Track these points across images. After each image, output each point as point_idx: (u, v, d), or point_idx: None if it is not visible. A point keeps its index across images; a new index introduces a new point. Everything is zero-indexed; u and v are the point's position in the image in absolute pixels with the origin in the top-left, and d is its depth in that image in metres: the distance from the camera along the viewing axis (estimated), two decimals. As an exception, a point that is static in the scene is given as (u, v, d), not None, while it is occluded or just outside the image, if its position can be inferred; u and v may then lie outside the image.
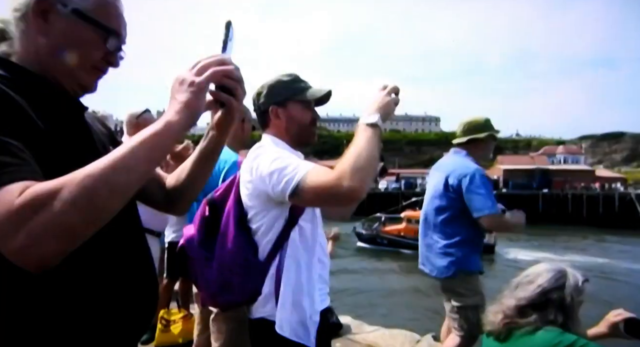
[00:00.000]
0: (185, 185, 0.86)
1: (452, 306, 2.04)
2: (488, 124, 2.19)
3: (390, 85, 1.12)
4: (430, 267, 2.11)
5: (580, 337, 1.26)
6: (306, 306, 1.13)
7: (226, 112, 0.77)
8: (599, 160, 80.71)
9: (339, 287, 13.17)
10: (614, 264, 18.72)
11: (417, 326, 4.55)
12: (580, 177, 51.55)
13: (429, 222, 2.15)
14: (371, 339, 3.32)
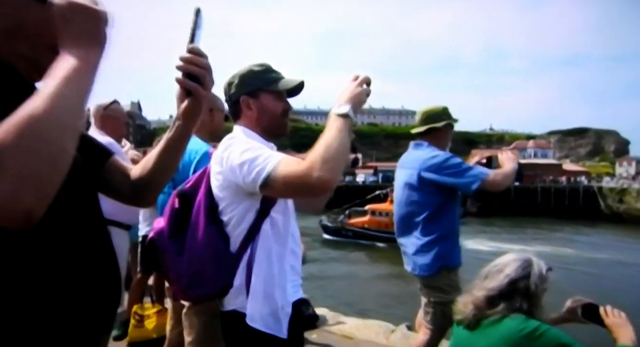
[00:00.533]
0: (151, 176, 0.83)
1: (429, 300, 2.04)
2: (446, 113, 2.14)
3: (362, 76, 1.11)
4: (412, 265, 2.08)
5: (542, 323, 1.32)
6: (278, 298, 1.13)
7: (193, 101, 0.75)
8: (566, 154, 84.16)
9: (314, 279, 13.35)
10: (578, 253, 19.72)
11: (392, 316, 4.64)
12: (548, 171, 53.72)
13: (406, 221, 2.11)
14: (347, 329, 3.37)
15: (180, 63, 0.72)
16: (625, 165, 67.11)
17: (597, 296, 2.48)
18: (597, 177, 51.14)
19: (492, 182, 1.92)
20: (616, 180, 45.77)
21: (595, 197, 39.33)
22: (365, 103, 1.10)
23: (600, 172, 60.50)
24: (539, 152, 69.52)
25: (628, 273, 16.50)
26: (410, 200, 2.08)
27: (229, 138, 1.18)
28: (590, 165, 69.93)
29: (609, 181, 44.33)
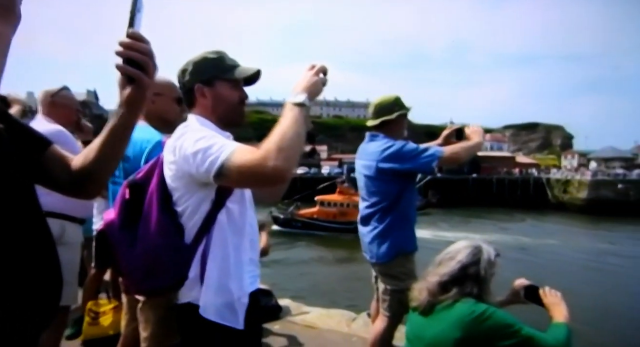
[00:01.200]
0: (93, 167, 0.79)
1: (386, 288, 2.08)
2: (398, 103, 2.14)
3: (318, 65, 1.11)
4: (370, 253, 2.12)
5: (490, 306, 1.39)
6: (234, 289, 1.12)
7: (136, 89, 0.71)
8: (519, 147, 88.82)
9: (276, 271, 13.44)
10: (526, 240, 21.11)
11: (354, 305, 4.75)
12: (503, 163, 56.58)
13: (365, 211, 2.14)
14: (310, 319, 3.41)
15: (119, 48, 0.68)
16: (570, 158, 71.93)
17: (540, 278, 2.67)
18: (546, 169, 54.42)
19: (449, 157, 1.96)
20: (561, 172, 48.95)
21: (544, 188, 42.02)
22: (321, 92, 1.10)
23: (549, 164, 64.45)
24: (495, 145, 73.02)
25: (568, 255, 17.91)
26: (369, 190, 2.11)
27: (183, 127, 1.15)
28: (540, 158, 74.28)
29: (555, 173, 47.32)
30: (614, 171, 45.86)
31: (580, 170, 47.56)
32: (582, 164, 62.08)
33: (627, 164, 56.95)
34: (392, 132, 2.11)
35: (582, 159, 68.35)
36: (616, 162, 58.94)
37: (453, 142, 2.17)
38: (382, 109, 2.12)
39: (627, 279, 14.30)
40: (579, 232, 25.42)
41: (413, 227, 2.12)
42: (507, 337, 1.33)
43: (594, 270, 15.94)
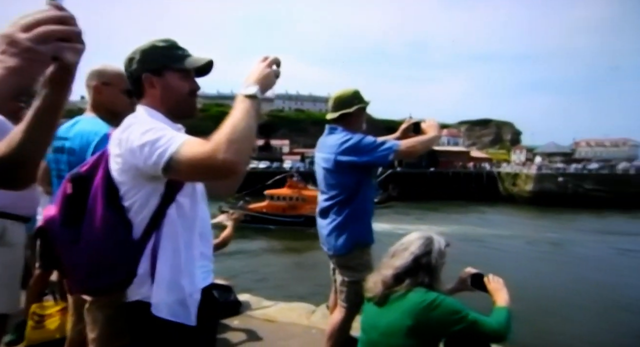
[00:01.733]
0: (17, 153, 0.71)
1: (343, 280, 2.11)
2: (357, 97, 2.15)
3: (271, 57, 1.09)
4: (327, 245, 2.14)
5: (440, 294, 1.47)
6: (185, 285, 1.09)
7: (60, 67, 0.64)
8: (473, 142, 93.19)
9: (234, 266, 13.33)
10: (480, 231, 22.31)
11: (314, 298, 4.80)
12: (459, 158, 59.15)
13: (324, 204, 2.15)
14: (270, 313, 3.41)
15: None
16: (518, 153, 76.67)
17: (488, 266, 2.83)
18: (497, 163, 57.54)
19: (406, 150, 2.00)
20: (511, 166, 52.06)
21: (496, 181, 44.44)
22: (274, 85, 1.09)
23: (500, 159, 68.14)
24: (451, 140, 76.24)
25: (514, 244, 19.16)
26: (328, 183, 2.13)
27: (131, 118, 1.09)
28: (492, 153, 78.47)
29: (505, 167, 50.18)
30: (556, 165, 49.43)
31: (527, 165, 50.82)
32: (529, 159, 66.36)
33: (566, 159, 61.76)
34: (351, 126, 2.13)
35: (529, 154, 73.11)
36: (557, 157, 63.63)
37: (410, 135, 2.22)
38: (342, 102, 2.13)
39: (568, 265, 15.52)
40: (526, 223, 27.24)
41: (370, 220, 2.15)
42: (455, 323, 1.41)
43: (539, 257, 17.16)
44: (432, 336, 1.46)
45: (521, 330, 7.30)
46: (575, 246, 19.33)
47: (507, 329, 1.48)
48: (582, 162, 53.85)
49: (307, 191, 23.33)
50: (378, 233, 2.20)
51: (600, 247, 18.73)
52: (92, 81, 1.71)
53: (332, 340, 2.13)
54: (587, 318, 9.35)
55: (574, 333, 8.31)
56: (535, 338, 7.38)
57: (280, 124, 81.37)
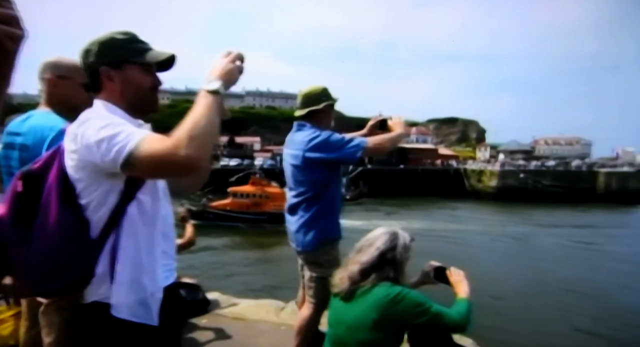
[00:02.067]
0: None
1: (312, 276, 2.11)
2: (325, 94, 2.15)
3: (235, 52, 1.08)
4: (296, 242, 2.14)
5: (404, 288, 1.50)
6: (147, 284, 1.06)
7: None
8: (441, 140, 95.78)
9: (205, 264, 13.16)
10: (445, 226, 23.06)
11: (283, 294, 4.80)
12: (428, 155, 60.64)
13: (293, 200, 2.15)
14: (238, 311, 3.38)
15: None
16: (483, 151, 79.67)
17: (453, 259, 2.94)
18: (464, 160, 59.57)
19: (373, 147, 2.01)
20: (476, 163, 54.08)
21: (462, 178, 45.98)
22: (237, 80, 1.07)
23: (466, 156, 70.52)
24: (420, 138, 78.11)
25: (479, 239, 19.97)
26: (296, 180, 2.12)
27: (88, 113, 1.05)
28: (458, 150, 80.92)
29: (471, 164, 52.11)
30: (517, 162, 51.85)
31: (491, 162, 52.95)
32: (493, 156, 69.13)
33: (527, 156, 64.85)
34: (320, 122, 2.13)
35: (492, 152, 76.14)
36: (519, 155, 66.75)
37: (378, 132, 2.25)
38: (310, 99, 2.13)
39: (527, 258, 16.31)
40: (490, 218, 28.37)
41: (338, 216, 2.16)
42: (419, 315, 1.45)
43: (501, 250, 17.95)
44: (396, 329, 1.49)
45: (481, 320, 7.65)
46: (534, 238, 20.38)
47: (467, 320, 1.54)
48: (541, 160, 56.84)
49: (270, 188, 23.23)
50: (350, 229, 2.22)
51: (557, 240, 19.85)
52: (46, 74, 1.62)
53: (300, 336, 2.14)
54: (544, 306, 9.89)
55: (531, 320, 8.77)
56: (494, 327, 7.73)
57: (252, 121, 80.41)
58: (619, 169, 43.77)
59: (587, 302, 10.35)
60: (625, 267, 14.61)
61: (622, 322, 8.98)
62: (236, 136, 67.57)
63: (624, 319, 9.14)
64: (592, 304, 10.17)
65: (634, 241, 19.85)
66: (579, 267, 14.47)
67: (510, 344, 7.33)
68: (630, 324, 8.88)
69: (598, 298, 10.66)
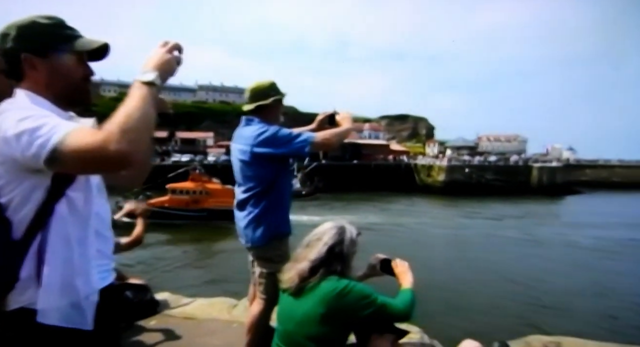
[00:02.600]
0: None
1: (262, 272, 2.10)
2: (273, 88, 2.13)
3: (172, 42, 1.03)
4: (245, 238, 2.10)
5: (351, 281, 1.52)
6: (80, 286, 1.00)
7: None
8: (393, 136, 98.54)
9: (154, 264, 12.66)
10: (397, 219, 23.91)
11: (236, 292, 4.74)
12: (380, 151, 62.30)
13: (241, 196, 2.11)
14: (189, 311, 3.29)
15: None
16: (432, 147, 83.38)
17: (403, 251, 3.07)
18: (414, 156, 61.89)
19: (321, 142, 2.02)
20: (426, 158, 56.47)
21: (413, 173, 47.82)
22: (175, 71, 1.03)
23: (416, 151, 73.33)
24: (373, 134, 79.95)
25: (427, 230, 20.96)
26: (244, 175, 2.08)
27: (7, 104, 0.95)
28: (409, 146, 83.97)
29: (421, 159, 54.26)
30: (463, 158, 54.86)
31: (440, 157, 55.52)
32: (441, 152, 72.53)
33: (471, 152, 68.90)
34: (268, 117, 2.11)
35: (441, 147, 79.91)
36: (464, 150, 70.68)
37: (326, 127, 2.26)
38: (258, 93, 2.11)
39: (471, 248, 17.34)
40: (438, 211, 29.85)
41: (287, 211, 2.15)
42: (365, 307, 1.48)
43: (447, 241, 18.95)
44: (344, 322, 1.51)
45: (428, 309, 8.05)
46: (478, 230, 21.70)
47: (411, 309, 1.59)
48: (484, 155, 60.40)
49: (211, 185, 22.56)
50: (306, 225, 2.21)
51: (498, 231, 21.30)
52: None
53: (251, 332, 2.12)
54: (486, 294, 10.60)
55: (475, 307, 9.36)
56: (441, 315, 8.17)
57: (205, 116, 77.83)
58: (548, 164, 47.74)
59: (523, 288, 11.23)
60: (554, 253, 16.06)
61: (555, 306, 9.87)
62: (189, 131, 65.16)
63: (557, 303, 10.05)
64: (528, 290, 11.06)
65: (564, 229, 21.87)
66: (517, 256, 15.65)
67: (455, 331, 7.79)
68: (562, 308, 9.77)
69: (533, 284, 11.60)
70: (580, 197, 41.24)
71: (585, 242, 17.79)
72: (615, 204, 35.31)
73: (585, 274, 12.75)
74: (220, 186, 22.71)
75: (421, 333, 2.84)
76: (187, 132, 64.61)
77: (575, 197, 41.08)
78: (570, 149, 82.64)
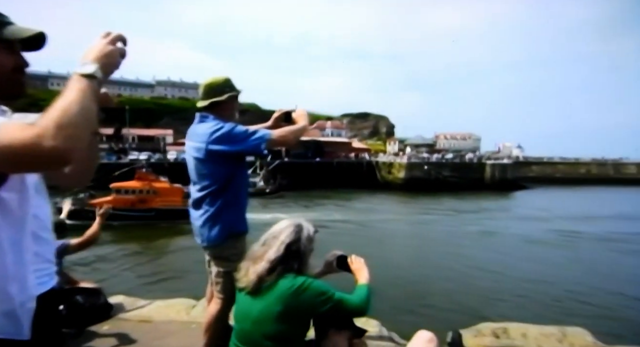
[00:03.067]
0: None
1: (218, 271, 2.06)
2: (228, 84, 2.09)
3: (115, 33, 0.97)
4: (201, 237, 2.06)
5: (308, 278, 1.52)
6: (14, 293, 0.93)
7: None
8: (355, 134, 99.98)
9: (109, 268, 12.11)
10: (361, 217, 24.34)
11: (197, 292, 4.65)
12: (342, 148, 63.02)
13: (197, 195, 2.06)
14: (145, 313, 3.19)
15: None
16: (392, 144, 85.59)
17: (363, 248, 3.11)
18: (375, 153, 63.20)
19: (277, 140, 1.99)
20: (386, 156, 57.84)
21: (374, 170, 48.83)
22: (119, 65, 0.97)
23: (377, 149, 74.89)
24: (335, 131, 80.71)
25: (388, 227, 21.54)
26: (199, 173, 2.04)
27: None
28: (370, 144, 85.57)
29: (382, 157, 55.51)
30: (422, 155, 56.80)
31: (400, 155, 57.08)
32: (401, 149, 74.62)
33: (430, 150, 71.54)
34: (223, 114, 2.07)
35: (400, 145, 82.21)
36: (423, 148, 73.21)
37: (282, 125, 2.25)
38: (212, 90, 2.06)
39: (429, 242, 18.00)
40: (399, 207, 30.73)
41: (244, 209, 2.13)
42: (323, 303, 1.49)
43: (406, 236, 19.57)
44: (301, 319, 1.52)
45: (386, 303, 8.30)
46: (436, 224, 22.57)
47: (367, 304, 1.62)
48: (442, 153, 62.92)
49: (158, 183, 21.71)
50: (270, 223, 2.14)
51: (455, 225, 22.29)
52: None
53: (209, 332, 2.09)
54: (443, 286, 11.07)
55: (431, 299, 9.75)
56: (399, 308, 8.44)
57: (163, 113, 74.94)
58: (500, 161, 50.59)
59: (477, 280, 11.84)
60: (505, 246, 17.07)
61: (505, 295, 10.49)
62: (147, 128, 62.41)
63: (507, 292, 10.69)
64: (481, 281, 11.67)
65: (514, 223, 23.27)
66: (472, 249, 16.44)
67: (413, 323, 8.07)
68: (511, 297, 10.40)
69: (486, 275, 12.27)
70: (527, 192, 44.08)
71: (533, 235, 19.04)
72: (558, 199, 38.10)
73: (531, 265, 13.67)
74: (168, 185, 21.89)
75: (379, 326, 2.93)
76: (145, 129, 61.91)
77: (524, 192, 43.88)
78: (519, 146, 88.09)
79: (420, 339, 1.65)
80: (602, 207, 30.49)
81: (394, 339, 2.75)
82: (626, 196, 36.33)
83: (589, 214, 26.62)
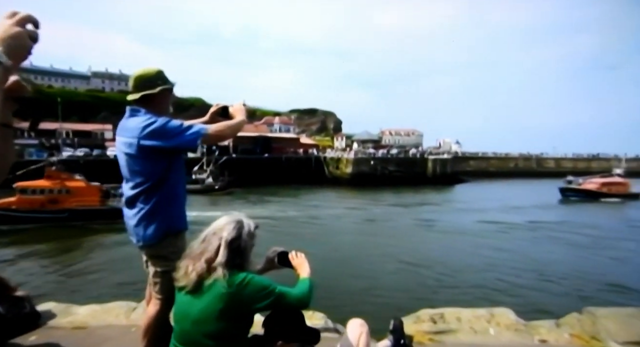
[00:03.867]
0: None
1: (156, 271, 1.99)
2: (161, 77, 2.01)
3: (22, 13, 0.87)
4: (136, 237, 1.95)
5: (249, 273, 1.52)
6: None
7: None
8: (303, 130, 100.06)
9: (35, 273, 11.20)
10: (311, 212, 24.56)
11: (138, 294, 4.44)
12: (290, 144, 62.92)
13: (130, 193, 1.95)
14: (80, 319, 2.99)
15: None
16: (340, 140, 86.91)
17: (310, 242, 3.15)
18: (323, 149, 63.91)
19: (214, 134, 1.93)
20: (334, 151, 58.78)
21: (323, 165, 49.40)
22: (29, 49, 0.88)
23: (325, 145, 75.66)
24: (283, 127, 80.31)
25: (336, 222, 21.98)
26: (132, 170, 1.93)
27: None
28: (319, 139, 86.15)
29: (329, 152, 56.32)
30: (368, 151, 58.45)
31: (347, 150, 58.25)
32: (348, 145, 76.11)
33: (376, 145, 73.82)
34: (155, 107, 1.98)
35: (347, 141, 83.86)
36: (369, 144, 75.31)
37: (219, 119, 2.19)
38: (144, 82, 1.96)
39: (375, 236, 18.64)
40: (347, 201, 31.39)
41: (183, 206, 2.06)
42: (264, 298, 1.49)
43: (352, 230, 20.08)
44: (243, 315, 1.51)
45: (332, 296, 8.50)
46: (381, 218, 23.42)
47: (309, 297, 1.64)
48: (387, 148, 65.14)
49: (72, 182, 20.02)
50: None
51: (399, 218, 23.29)
52: None
53: (148, 335, 2.01)
54: (387, 276, 11.55)
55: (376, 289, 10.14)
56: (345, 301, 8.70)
57: (101, 107, 69.55)
58: (440, 156, 53.64)
59: (419, 268, 12.50)
60: (446, 236, 18.19)
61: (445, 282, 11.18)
62: (83, 123, 57.57)
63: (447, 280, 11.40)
64: (424, 270, 12.34)
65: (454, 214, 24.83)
66: (415, 240, 17.33)
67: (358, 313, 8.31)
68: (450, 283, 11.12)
69: (428, 264, 12.99)
70: (465, 186, 47.30)
71: (470, 227, 20.48)
72: (491, 191, 41.33)
73: (467, 254, 14.71)
74: (84, 184, 20.28)
75: (325, 318, 3.00)
76: (82, 124, 57.19)
77: (462, 186, 47.03)
78: (457, 142, 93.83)
79: (354, 325, 1.76)
80: (527, 198, 33.65)
81: (339, 330, 2.84)
82: (546, 187, 40.32)
83: (517, 204, 29.33)
